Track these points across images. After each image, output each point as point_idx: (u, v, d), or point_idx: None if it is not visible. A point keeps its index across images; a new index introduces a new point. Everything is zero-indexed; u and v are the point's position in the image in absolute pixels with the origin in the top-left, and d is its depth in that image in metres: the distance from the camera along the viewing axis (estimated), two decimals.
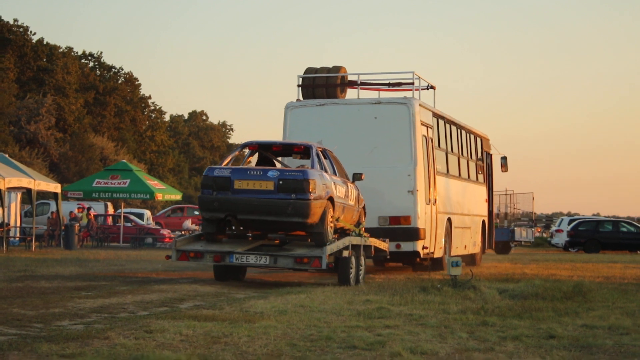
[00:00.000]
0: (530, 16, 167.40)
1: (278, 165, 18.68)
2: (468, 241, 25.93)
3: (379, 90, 23.21)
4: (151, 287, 16.69)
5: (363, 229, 19.07)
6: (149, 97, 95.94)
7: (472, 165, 26.93)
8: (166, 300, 14.22)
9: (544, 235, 71.09)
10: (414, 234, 20.97)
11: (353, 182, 19.22)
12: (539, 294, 14.92)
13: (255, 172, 16.72)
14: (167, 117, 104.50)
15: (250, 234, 18.27)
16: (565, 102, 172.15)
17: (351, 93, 23.15)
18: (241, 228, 18.09)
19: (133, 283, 17.62)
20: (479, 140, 27.94)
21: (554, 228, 57.12)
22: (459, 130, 25.47)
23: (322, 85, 22.51)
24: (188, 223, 48.95)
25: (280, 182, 16.37)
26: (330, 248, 16.72)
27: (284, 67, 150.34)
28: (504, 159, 30.55)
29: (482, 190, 28.36)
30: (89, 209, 43.18)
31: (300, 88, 22.57)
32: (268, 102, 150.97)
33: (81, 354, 8.72)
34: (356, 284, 17.46)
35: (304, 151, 17.90)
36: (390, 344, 9.65)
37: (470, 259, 26.36)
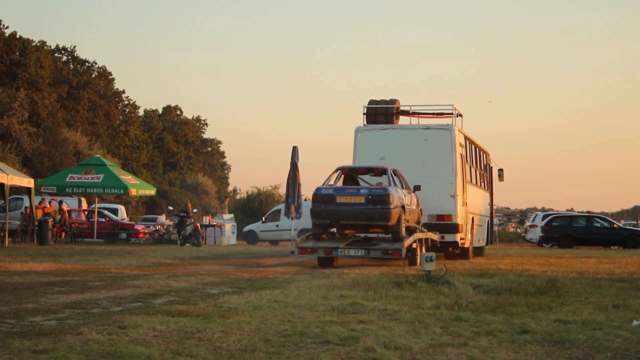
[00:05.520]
0: (506, 15, 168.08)
1: (362, 183, 24.35)
2: (481, 236, 31.88)
3: (426, 117, 28.75)
4: (125, 282, 16.64)
5: (422, 226, 24.78)
6: (123, 92, 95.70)
7: (482, 175, 32.74)
8: (140, 295, 14.16)
9: (518, 230, 71.35)
10: (455, 228, 26.67)
11: (414, 192, 24.80)
12: (513, 289, 14.95)
13: (351, 190, 22.47)
14: (141, 112, 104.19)
15: (338, 235, 23.45)
16: (539, 98, 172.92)
17: (403, 119, 28.90)
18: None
19: (107, 279, 17.56)
20: (484, 154, 33.51)
21: (528, 223, 57.33)
22: (475, 148, 31.10)
23: (382, 113, 28.09)
24: (162, 218, 48.86)
25: (369, 197, 21.97)
26: (407, 242, 22.25)
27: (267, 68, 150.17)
28: (500, 170, 35.90)
29: (487, 195, 34.18)
30: (60, 202, 42.82)
31: (365, 115, 28.13)
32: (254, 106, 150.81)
33: (54, 349, 8.67)
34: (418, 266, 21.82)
35: (381, 172, 23.82)
36: (364, 339, 9.65)
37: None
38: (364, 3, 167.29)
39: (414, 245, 23.22)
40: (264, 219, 49.36)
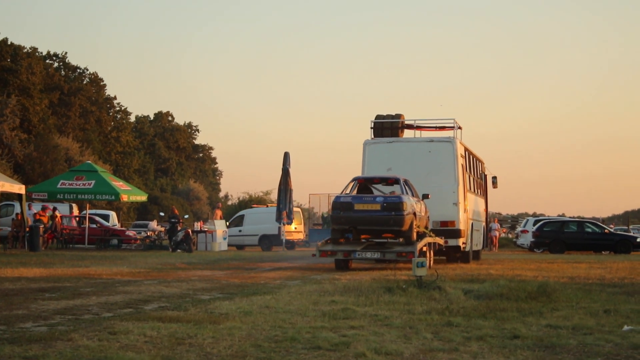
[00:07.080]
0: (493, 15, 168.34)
1: (375, 192, 25.87)
2: (478, 240, 33.40)
3: (429, 130, 30.81)
4: (116, 288, 16.61)
5: (430, 231, 26.29)
6: (114, 98, 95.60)
7: (479, 183, 34.29)
8: (131, 301, 14.14)
9: (510, 236, 71.46)
10: (457, 234, 28.36)
11: (422, 199, 26.27)
12: (504, 294, 14.95)
13: (367, 198, 23.95)
14: (132, 118, 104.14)
15: (351, 239, 24.61)
16: (531, 101, 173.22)
17: (407, 133, 30.71)
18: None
19: (97, 285, 17.53)
20: (480, 163, 34.99)
21: (519, 229, 57.41)
22: (473, 158, 32.65)
23: (388, 127, 29.87)
24: (153, 224, 48.81)
25: (385, 204, 23.35)
26: (419, 245, 23.58)
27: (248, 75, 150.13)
28: (494, 178, 37.30)
29: (483, 202, 35.82)
30: (54, 209, 42.72)
31: (372, 129, 29.84)
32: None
33: (44, 355, 8.65)
34: (429, 268, 21.96)
35: (394, 182, 25.06)
36: (355, 345, 9.64)
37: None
38: (356, 4, 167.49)
39: (424, 249, 24.61)
40: (227, 224, 49.47)
